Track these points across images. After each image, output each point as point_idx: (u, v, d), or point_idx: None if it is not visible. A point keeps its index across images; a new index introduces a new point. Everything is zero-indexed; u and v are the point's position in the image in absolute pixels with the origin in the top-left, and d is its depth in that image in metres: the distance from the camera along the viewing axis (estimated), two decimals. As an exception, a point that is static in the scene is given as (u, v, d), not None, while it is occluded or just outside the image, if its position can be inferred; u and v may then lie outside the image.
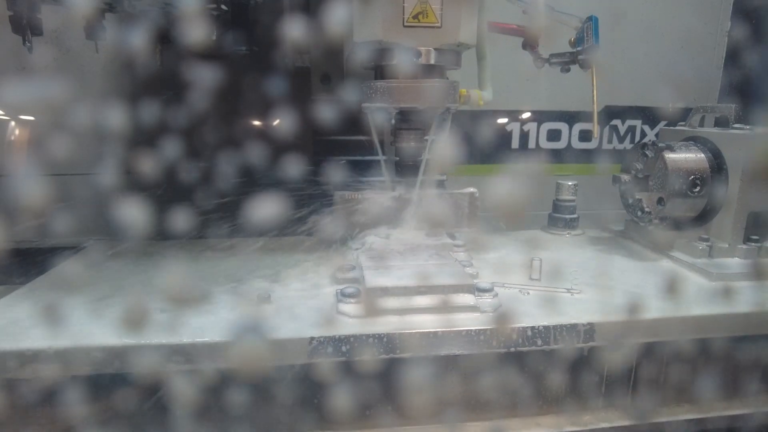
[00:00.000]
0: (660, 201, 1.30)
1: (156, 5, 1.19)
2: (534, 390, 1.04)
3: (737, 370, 1.14)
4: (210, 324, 0.93)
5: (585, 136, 1.91)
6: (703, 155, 1.30)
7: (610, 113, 1.92)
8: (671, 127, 1.49)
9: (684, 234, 1.33)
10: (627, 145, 1.96)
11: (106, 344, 0.87)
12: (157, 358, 0.87)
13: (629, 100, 1.91)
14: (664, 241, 1.36)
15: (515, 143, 1.88)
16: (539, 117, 1.88)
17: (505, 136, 1.87)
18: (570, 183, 1.54)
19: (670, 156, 1.28)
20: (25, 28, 1.14)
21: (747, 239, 1.29)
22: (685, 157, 1.29)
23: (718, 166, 1.29)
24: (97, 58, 1.44)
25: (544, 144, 1.90)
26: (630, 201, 1.36)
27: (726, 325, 1.04)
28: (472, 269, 1.14)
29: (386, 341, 0.92)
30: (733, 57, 1.93)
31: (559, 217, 1.55)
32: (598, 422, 1.05)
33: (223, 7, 1.18)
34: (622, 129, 1.95)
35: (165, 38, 1.32)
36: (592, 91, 1.33)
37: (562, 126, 1.90)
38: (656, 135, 1.95)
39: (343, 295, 1.00)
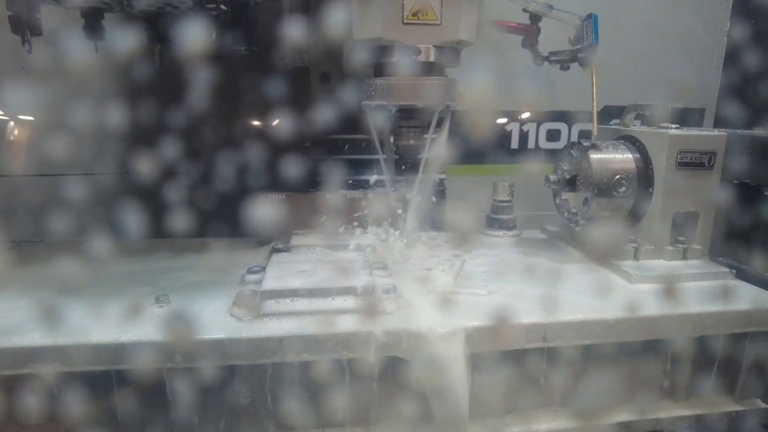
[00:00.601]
0: (585, 201, 1.27)
1: (155, 5, 1.19)
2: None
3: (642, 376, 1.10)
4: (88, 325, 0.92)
5: (585, 136, 1.91)
6: (630, 155, 1.27)
7: (610, 113, 1.91)
8: (606, 126, 1.45)
9: (612, 235, 1.30)
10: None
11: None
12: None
13: (628, 100, 1.91)
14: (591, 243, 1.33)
15: (514, 143, 1.88)
16: (538, 117, 1.88)
17: (504, 136, 1.87)
18: (506, 183, 1.51)
19: (594, 156, 1.25)
20: (25, 28, 1.14)
21: (675, 240, 1.25)
22: (611, 157, 1.26)
23: (644, 165, 1.25)
24: (96, 58, 1.44)
25: (544, 144, 1.90)
26: (557, 202, 1.34)
27: (628, 329, 1.01)
28: (382, 271, 1.12)
29: (264, 345, 0.90)
30: (732, 57, 1.93)
31: (495, 218, 1.52)
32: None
33: (223, 6, 1.18)
34: (622, 129, 1.95)
35: (164, 38, 1.32)
36: (592, 91, 1.33)
37: (562, 126, 1.90)
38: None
39: (237, 297, 0.98)
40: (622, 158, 1.26)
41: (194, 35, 1.17)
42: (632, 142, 1.30)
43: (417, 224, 1.34)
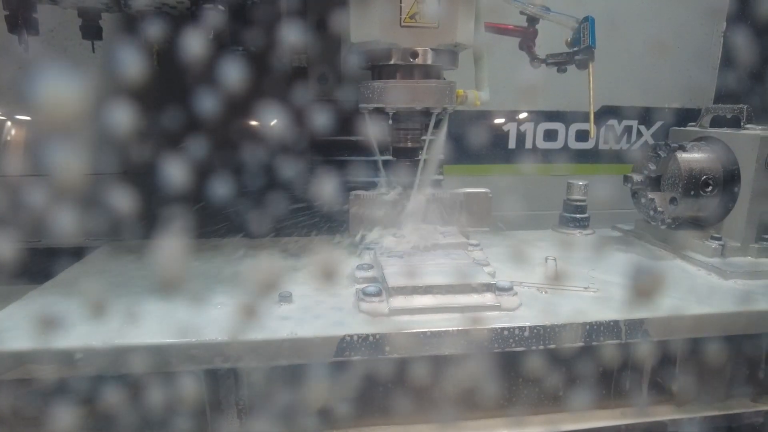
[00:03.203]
0: (672, 201, 1.32)
1: (152, 5, 1.19)
2: (556, 388, 1.05)
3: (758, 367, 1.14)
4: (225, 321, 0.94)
5: (582, 136, 1.92)
6: (714, 155, 1.32)
7: (607, 113, 1.92)
8: (681, 128, 1.50)
9: (696, 233, 1.35)
10: (623, 144, 1.96)
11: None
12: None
13: (626, 100, 1.92)
14: (676, 241, 1.37)
15: (512, 143, 1.89)
16: (536, 117, 1.88)
17: (502, 137, 1.88)
18: (581, 183, 1.54)
19: (682, 156, 1.30)
20: (21, 27, 1.13)
21: (759, 238, 1.30)
22: (698, 157, 1.31)
23: (729, 165, 1.30)
24: (94, 58, 1.44)
25: (541, 144, 1.91)
26: (642, 201, 1.37)
27: (744, 323, 1.05)
28: (489, 268, 1.14)
29: (416, 340, 0.92)
30: (728, 58, 1.93)
31: (569, 216, 1.55)
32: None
33: (221, 6, 1.18)
34: (619, 129, 1.95)
35: (162, 38, 1.31)
36: (589, 92, 1.33)
37: (559, 126, 1.90)
38: (652, 135, 1.96)
39: (365, 294, 0.99)
40: (708, 158, 1.31)
41: (192, 35, 1.16)
42: (713, 144, 1.35)
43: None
